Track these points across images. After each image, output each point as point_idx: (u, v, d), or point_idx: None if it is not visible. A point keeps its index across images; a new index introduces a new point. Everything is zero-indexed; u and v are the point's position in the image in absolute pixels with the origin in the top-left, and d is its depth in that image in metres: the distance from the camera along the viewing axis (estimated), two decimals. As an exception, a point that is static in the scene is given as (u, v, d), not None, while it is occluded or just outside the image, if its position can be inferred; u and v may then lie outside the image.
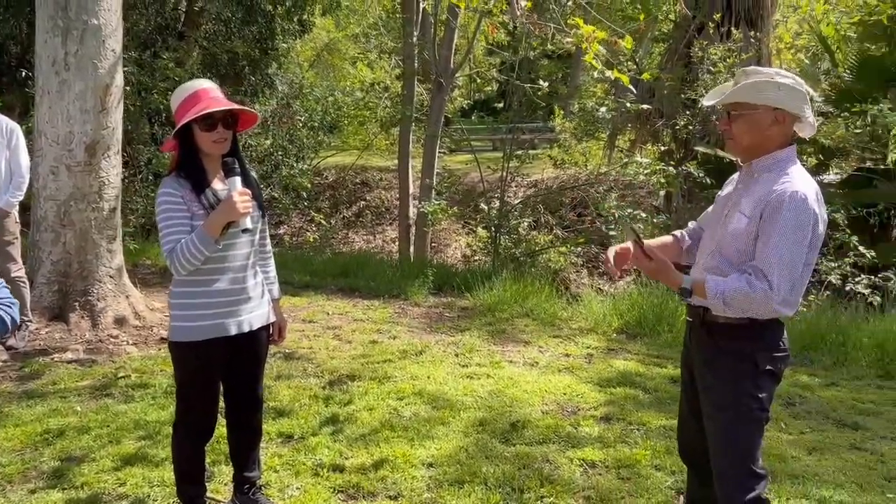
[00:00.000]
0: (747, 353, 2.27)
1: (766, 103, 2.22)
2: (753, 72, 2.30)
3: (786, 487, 3.28)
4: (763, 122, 2.24)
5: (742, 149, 2.31)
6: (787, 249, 2.13)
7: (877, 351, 5.32)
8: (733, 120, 2.28)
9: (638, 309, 6.27)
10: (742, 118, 2.26)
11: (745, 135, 2.27)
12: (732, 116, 2.28)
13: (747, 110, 2.25)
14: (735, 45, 8.56)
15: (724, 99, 2.29)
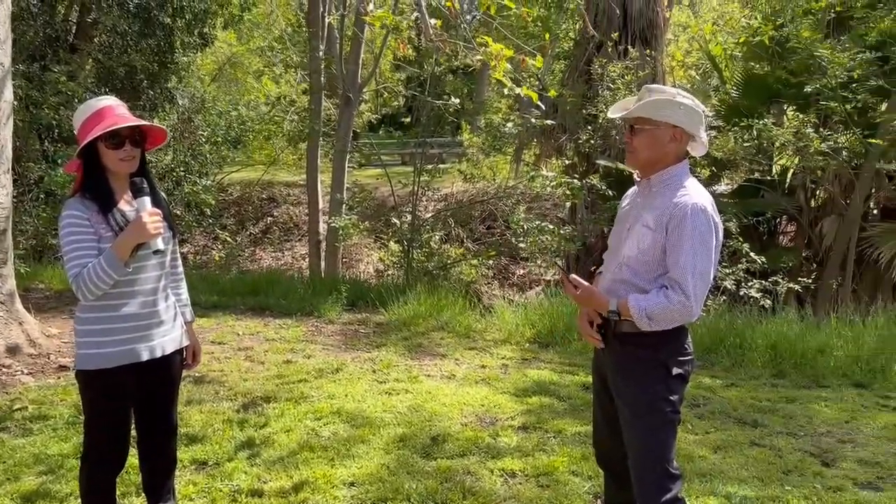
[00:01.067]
0: (660, 359, 2.38)
1: (666, 121, 2.35)
2: (657, 90, 2.42)
3: (695, 486, 3.43)
4: (663, 139, 2.37)
5: (641, 162, 2.43)
6: (697, 260, 2.27)
7: (770, 352, 5.65)
8: (635, 134, 2.40)
9: (549, 318, 6.43)
10: (644, 133, 2.38)
11: (645, 149, 2.39)
12: (635, 130, 2.40)
13: (649, 126, 2.37)
14: (632, 63, 8.96)
15: (628, 113, 2.40)
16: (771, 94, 9.60)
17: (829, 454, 3.87)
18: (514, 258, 11.32)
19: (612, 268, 2.48)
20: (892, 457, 3.85)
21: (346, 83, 10.22)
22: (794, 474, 3.60)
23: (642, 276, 2.38)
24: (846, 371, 5.37)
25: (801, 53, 8.74)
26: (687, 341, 2.43)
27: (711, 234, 2.30)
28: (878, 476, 3.60)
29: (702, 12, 14.81)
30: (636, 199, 2.50)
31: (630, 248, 2.40)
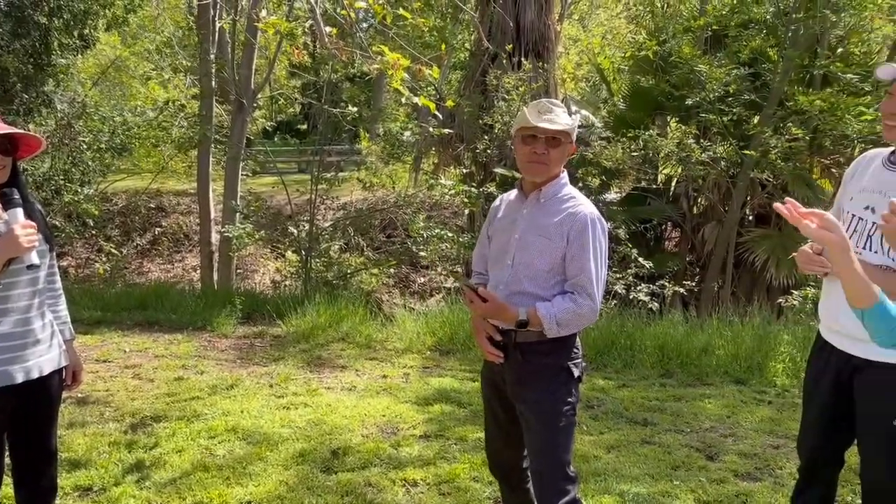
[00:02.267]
0: (561, 365, 2.45)
1: (573, 136, 2.46)
2: (560, 105, 2.49)
3: (590, 486, 3.54)
4: (567, 153, 2.48)
5: (550, 175, 2.48)
6: (598, 265, 2.39)
7: (658, 352, 5.92)
8: (554, 146, 2.44)
9: (450, 326, 6.47)
10: (562, 147, 2.45)
11: (558, 161, 2.46)
12: (557, 143, 2.43)
13: (567, 140, 2.45)
14: (525, 74, 9.19)
15: (566, 127, 2.42)
16: (656, 107, 10.10)
17: (712, 448, 4.09)
18: (414, 266, 11.35)
19: (505, 279, 2.51)
20: (769, 448, 4.11)
21: (238, 88, 9.95)
22: (681, 469, 3.77)
23: (542, 285, 2.43)
24: (727, 369, 5.69)
25: (682, 68, 9.24)
26: (578, 344, 2.52)
27: (606, 240, 2.44)
28: (755, 467, 3.83)
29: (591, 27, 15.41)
30: (520, 209, 2.55)
31: (528, 258, 2.45)
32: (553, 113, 2.42)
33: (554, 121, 2.42)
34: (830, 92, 8.57)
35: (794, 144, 8.51)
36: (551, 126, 2.41)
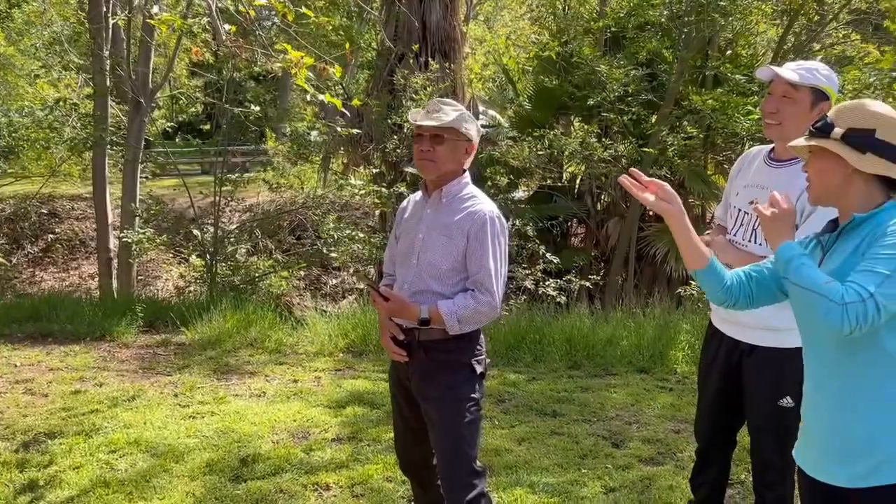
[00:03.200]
0: (464, 361, 2.49)
1: (466, 133, 2.47)
2: (451, 103, 2.53)
3: (502, 479, 3.60)
4: (460, 151, 2.49)
5: (441, 172, 2.51)
6: (498, 263, 2.44)
7: (566, 345, 6.07)
8: (440, 143, 2.46)
9: (362, 327, 6.43)
10: (448, 144, 2.47)
11: (447, 160, 2.48)
12: (442, 140, 2.46)
13: (454, 137, 2.46)
14: (432, 74, 9.23)
15: (445, 122, 2.44)
16: (559, 106, 10.36)
17: (618, 436, 4.24)
18: (325, 268, 11.22)
19: (410, 278, 2.53)
20: (671, 433, 4.30)
21: (135, 87, 9.55)
22: (589, 458, 3.89)
23: (446, 282, 2.47)
24: (631, 359, 5.90)
25: (583, 69, 9.53)
26: (481, 340, 2.57)
27: (506, 238, 2.49)
28: (658, 452, 4.00)
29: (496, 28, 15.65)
30: (425, 209, 2.57)
31: (431, 257, 2.48)
32: (441, 111, 2.45)
33: (440, 118, 2.45)
34: (721, 92, 9.02)
35: (689, 142, 8.91)
36: (433, 123, 2.44)
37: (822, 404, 1.79)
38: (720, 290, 1.95)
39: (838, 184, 1.76)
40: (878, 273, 1.58)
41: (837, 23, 10.35)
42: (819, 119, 1.81)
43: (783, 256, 1.70)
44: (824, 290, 1.58)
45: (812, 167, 1.82)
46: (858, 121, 1.75)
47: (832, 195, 1.79)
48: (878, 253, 1.62)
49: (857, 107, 1.79)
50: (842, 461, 1.75)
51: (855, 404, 1.71)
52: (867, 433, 1.70)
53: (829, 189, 1.78)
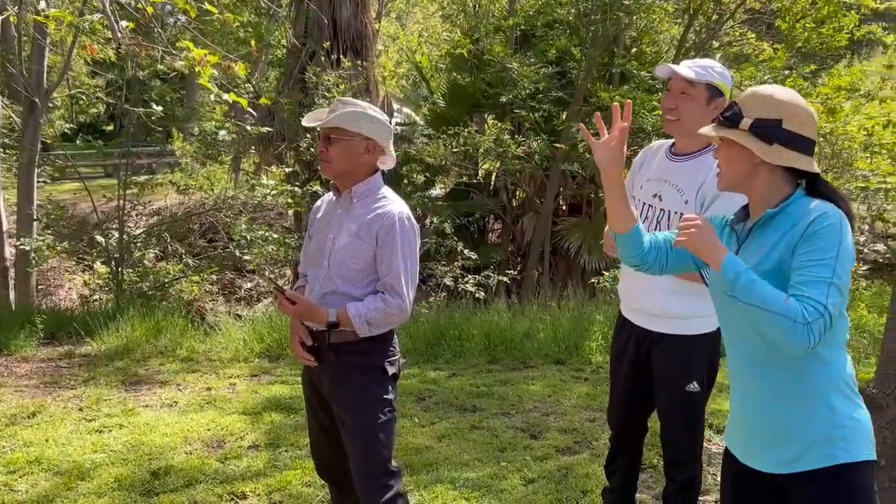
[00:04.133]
0: (375, 363, 2.47)
1: (360, 132, 2.42)
2: (349, 102, 2.49)
3: (423, 476, 3.59)
4: (357, 150, 2.45)
5: (336, 172, 2.48)
6: (408, 264, 2.42)
7: (485, 340, 6.13)
8: (331, 144, 2.44)
9: (278, 331, 6.29)
10: (340, 143, 2.43)
11: (340, 159, 2.44)
12: (331, 140, 2.43)
13: (345, 137, 2.42)
14: (345, 72, 9.14)
15: (324, 123, 2.43)
16: (473, 104, 10.45)
17: (536, 427, 4.31)
18: (240, 271, 10.93)
19: (321, 279, 2.49)
20: (586, 422, 4.40)
21: (28, 86, 9.03)
22: (508, 451, 3.94)
23: (356, 284, 2.44)
24: (548, 351, 6.01)
25: (495, 66, 9.63)
26: (394, 342, 2.55)
27: (416, 238, 2.47)
28: (575, 441, 4.09)
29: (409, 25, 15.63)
30: (335, 210, 2.54)
31: (342, 258, 2.44)
32: (336, 112, 2.42)
33: (322, 118, 2.43)
34: (628, 88, 9.30)
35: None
36: (314, 123, 2.44)
37: (752, 396, 1.83)
38: (637, 255, 1.99)
39: (745, 173, 1.79)
40: (823, 281, 1.61)
41: (734, 21, 10.84)
42: (728, 107, 1.81)
43: (729, 275, 1.67)
44: (784, 309, 1.59)
45: (721, 155, 1.83)
46: (765, 111, 1.76)
47: (740, 184, 1.82)
48: (813, 259, 1.64)
49: (766, 97, 1.78)
50: (771, 448, 1.80)
51: (783, 396, 1.76)
52: (793, 422, 1.75)
53: (737, 178, 1.81)
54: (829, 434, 1.72)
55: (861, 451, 1.72)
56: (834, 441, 1.71)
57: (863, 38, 11.35)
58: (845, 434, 1.71)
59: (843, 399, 1.74)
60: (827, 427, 1.72)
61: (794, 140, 1.75)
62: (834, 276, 1.63)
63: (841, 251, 1.65)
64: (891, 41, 11.70)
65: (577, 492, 3.44)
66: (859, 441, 1.72)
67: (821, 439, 1.72)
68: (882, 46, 13.40)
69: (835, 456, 1.70)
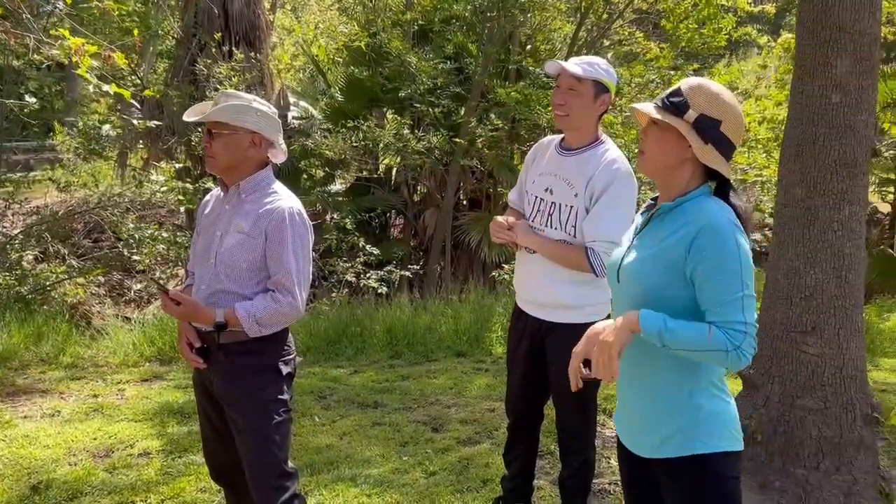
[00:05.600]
0: (268, 362, 2.41)
1: (245, 126, 2.35)
2: (233, 95, 2.41)
3: (323, 476, 3.55)
4: (242, 144, 2.37)
5: (221, 167, 2.40)
6: (300, 261, 2.35)
7: (387, 336, 6.12)
8: (215, 139, 2.36)
9: (170, 333, 6.04)
10: (223, 138, 2.36)
11: (224, 154, 2.37)
12: (214, 135, 2.36)
13: (227, 131, 2.35)
14: (238, 65, 8.86)
15: (205, 117, 2.35)
16: (372, 98, 10.37)
17: (438, 420, 4.34)
18: (128, 272, 10.40)
19: (208, 278, 2.41)
20: (487, 412, 4.47)
21: None
22: (410, 445, 3.95)
23: (244, 283, 2.37)
24: (450, 344, 6.07)
25: (394, 61, 9.59)
26: (289, 340, 2.50)
27: (308, 235, 2.41)
28: (476, 432, 4.15)
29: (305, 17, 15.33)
30: (223, 205, 2.46)
31: (229, 256, 2.37)
32: (219, 105, 2.35)
33: (200, 112, 2.37)
34: (524, 85, 9.48)
35: (496, 133, 9.28)
36: (193, 118, 2.38)
37: (631, 385, 1.91)
38: None
39: (673, 164, 1.79)
40: (736, 300, 1.67)
41: (623, 20, 11.25)
42: (675, 93, 1.77)
43: (652, 333, 1.70)
44: (711, 344, 1.66)
45: (652, 138, 1.79)
46: (710, 108, 1.74)
47: (662, 172, 1.82)
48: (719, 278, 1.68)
49: (713, 94, 1.76)
50: (644, 433, 1.89)
51: (657, 385, 1.84)
52: (660, 411, 1.84)
53: (663, 165, 1.80)
54: (689, 427, 1.80)
55: (720, 443, 1.80)
56: (693, 434, 1.80)
57: (740, 39, 12.05)
58: (706, 428, 1.80)
59: (709, 396, 1.82)
60: (688, 420, 1.80)
61: (725, 144, 1.77)
62: (744, 287, 1.69)
63: (742, 260, 1.70)
64: (764, 42, 12.49)
65: (478, 482, 3.48)
66: (720, 434, 1.81)
67: (681, 430, 1.80)
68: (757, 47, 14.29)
69: (693, 447, 1.79)
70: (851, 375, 3.30)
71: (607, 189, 2.61)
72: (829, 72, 3.22)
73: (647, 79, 10.49)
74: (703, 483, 1.80)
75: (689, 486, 1.81)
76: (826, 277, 3.27)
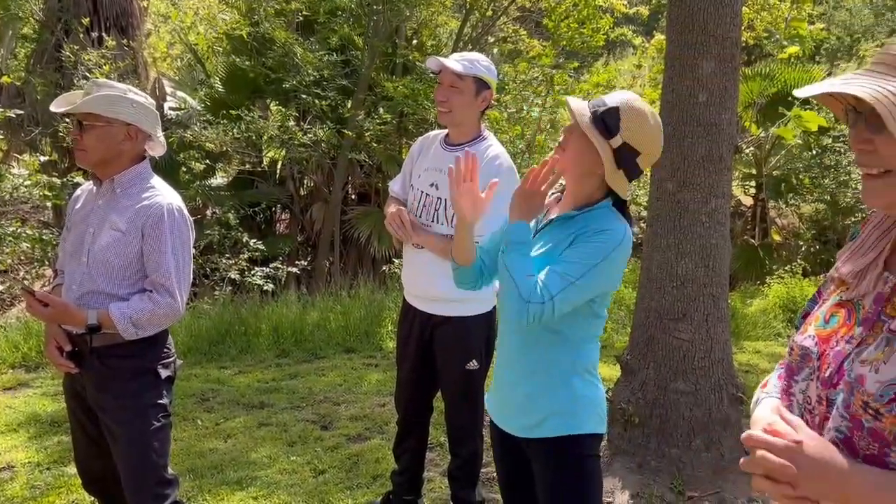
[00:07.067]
0: (147, 366, 2.29)
1: (120, 118, 2.23)
2: (106, 85, 2.28)
3: (207, 481, 3.42)
4: (117, 137, 2.26)
5: (93, 162, 2.28)
6: (179, 260, 2.26)
7: (274, 334, 5.97)
8: (86, 131, 2.22)
9: (37, 337, 5.64)
10: (95, 130, 2.23)
11: (97, 147, 2.24)
12: (85, 127, 2.22)
13: (100, 123, 2.22)
14: (108, 52, 8.37)
15: (74, 108, 2.21)
16: (254, 89, 10.05)
17: (326, 418, 4.28)
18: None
19: (79, 278, 2.26)
20: (378, 408, 4.45)
21: None
22: (298, 444, 3.87)
23: (119, 283, 2.25)
24: (339, 340, 6.00)
25: (277, 51, 9.34)
26: (168, 342, 2.39)
27: (188, 232, 2.32)
28: (366, 428, 4.13)
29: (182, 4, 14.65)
30: (96, 201, 2.32)
31: (102, 254, 2.23)
32: (90, 95, 2.22)
33: (67, 103, 2.24)
34: (411, 79, 9.49)
35: (384, 127, 9.24)
36: (59, 109, 2.25)
37: (514, 364, 1.95)
38: (473, 281, 2.08)
39: (583, 174, 1.82)
40: (566, 278, 1.71)
41: (507, 17, 11.47)
42: (612, 113, 1.74)
43: (511, 237, 1.76)
44: (520, 282, 1.69)
45: (574, 145, 1.80)
46: (634, 139, 1.75)
47: (575, 175, 1.84)
48: (574, 258, 1.73)
49: (643, 122, 1.76)
50: (517, 415, 1.95)
51: (537, 368, 1.89)
52: (537, 394, 1.90)
53: (574, 171, 1.82)
54: (563, 409, 1.89)
55: (589, 425, 1.91)
56: (566, 415, 1.89)
57: (617, 40, 12.59)
58: (577, 410, 1.90)
59: (583, 382, 1.91)
60: (563, 403, 1.89)
61: (636, 173, 1.81)
62: (580, 279, 1.72)
63: (603, 264, 1.74)
64: (639, 43, 13.10)
65: (368, 477, 3.47)
66: (589, 417, 1.91)
67: (556, 412, 1.89)
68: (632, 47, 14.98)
69: (567, 428, 1.89)
70: (718, 359, 3.52)
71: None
72: (696, 72, 3.41)
73: (530, 76, 10.75)
74: (573, 461, 1.91)
75: (562, 464, 1.91)
76: (695, 267, 3.47)
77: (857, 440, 1.02)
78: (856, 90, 0.97)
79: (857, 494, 0.98)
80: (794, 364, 1.17)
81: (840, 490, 1.00)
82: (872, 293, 1.10)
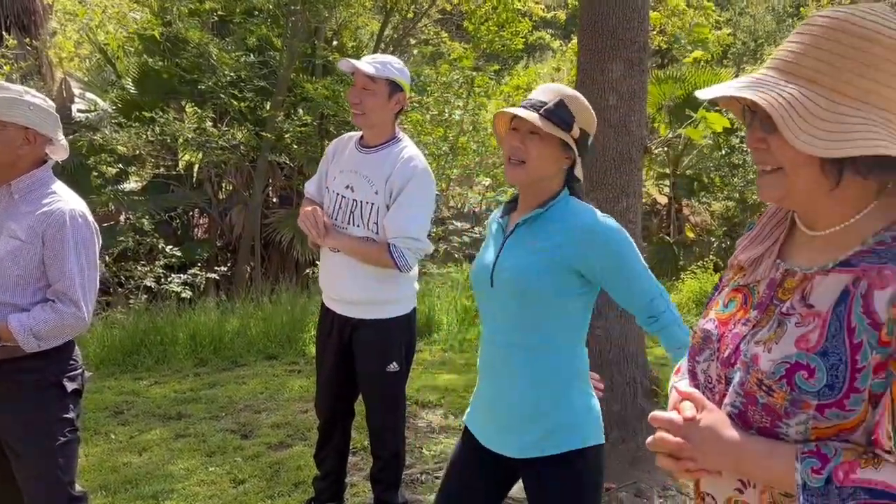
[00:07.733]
0: (51, 380, 2.19)
1: (15, 121, 2.14)
2: (2, 87, 2.17)
3: (121, 496, 3.30)
4: (14, 142, 2.16)
5: None
6: (84, 268, 2.18)
7: (191, 342, 5.80)
8: None
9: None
10: None
11: None
12: None
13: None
14: (9, 51, 7.97)
15: None
16: (169, 90, 9.76)
17: (247, 427, 4.19)
18: None
19: None
20: (300, 414, 4.39)
21: None
22: (217, 455, 3.78)
23: (19, 293, 2.14)
24: (261, 347, 5.88)
25: (192, 51, 9.10)
26: (75, 353, 2.29)
27: (93, 238, 2.23)
28: (288, 435, 4.06)
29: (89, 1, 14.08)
30: None
31: (0, 264, 2.12)
32: None
33: None
34: (331, 80, 9.40)
35: (304, 129, 9.13)
36: None
37: (503, 380, 1.84)
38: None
39: (550, 174, 1.79)
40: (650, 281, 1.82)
41: (429, 19, 11.51)
42: (559, 105, 1.73)
43: None
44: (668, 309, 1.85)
45: (536, 149, 1.76)
46: (586, 123, 1.77)
47: (541, 180, 1.80)
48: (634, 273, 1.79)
49: (586, 107, 1.78)
50: (514, 433, 1.83)
51: (529, 380, 1.79)
52: (537, 405, 1.79)
53: (543, 174, 1.78)
54: (568, 422, 1.80)
55: (594, 437, 1.83)
56: (572, 428, 1.80)
57: (535, 43, 12.81)
58: (580, 422, 1.81)
59: (580, 391, 1.84)
60: (567, 415, 1.81)
61: (588, 153, 1.84)
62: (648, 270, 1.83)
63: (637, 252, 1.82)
64: (557, 46, 13.38)
65: (290, 485, 3.41)
66: (592, 428, 1.83)
67: (560, 426, 1.80)
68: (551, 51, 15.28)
69: (571, 442, 1.79)
70: (632, 353, 3.63)
71: (406, 186, 2.66)
72: (606, 75, 3.51)
73: (451, 78, 10.82)
74: (583, 476, 1.81)
75: (571, 480, 1.80)
76: (609, 264, 3.56)
77: (751, 414, 1.08)
78: (750, 94, 1.02)
79: (750, 462, 1.06)
80: (696, 346, 1.23)
81: (735, 459, 1.07)
82: (766, 279, 1.16)
